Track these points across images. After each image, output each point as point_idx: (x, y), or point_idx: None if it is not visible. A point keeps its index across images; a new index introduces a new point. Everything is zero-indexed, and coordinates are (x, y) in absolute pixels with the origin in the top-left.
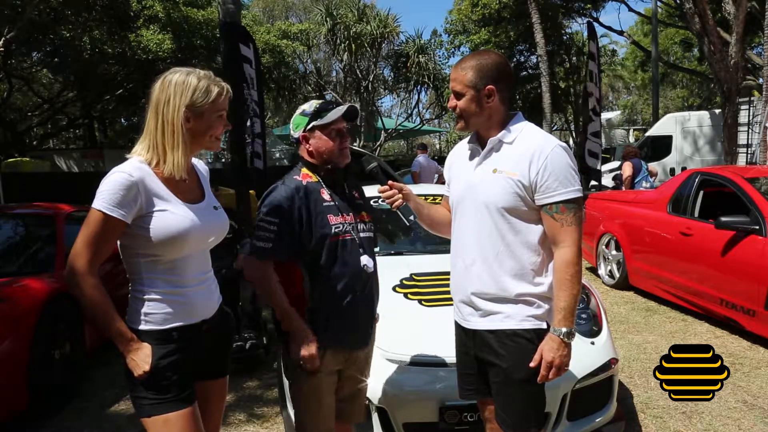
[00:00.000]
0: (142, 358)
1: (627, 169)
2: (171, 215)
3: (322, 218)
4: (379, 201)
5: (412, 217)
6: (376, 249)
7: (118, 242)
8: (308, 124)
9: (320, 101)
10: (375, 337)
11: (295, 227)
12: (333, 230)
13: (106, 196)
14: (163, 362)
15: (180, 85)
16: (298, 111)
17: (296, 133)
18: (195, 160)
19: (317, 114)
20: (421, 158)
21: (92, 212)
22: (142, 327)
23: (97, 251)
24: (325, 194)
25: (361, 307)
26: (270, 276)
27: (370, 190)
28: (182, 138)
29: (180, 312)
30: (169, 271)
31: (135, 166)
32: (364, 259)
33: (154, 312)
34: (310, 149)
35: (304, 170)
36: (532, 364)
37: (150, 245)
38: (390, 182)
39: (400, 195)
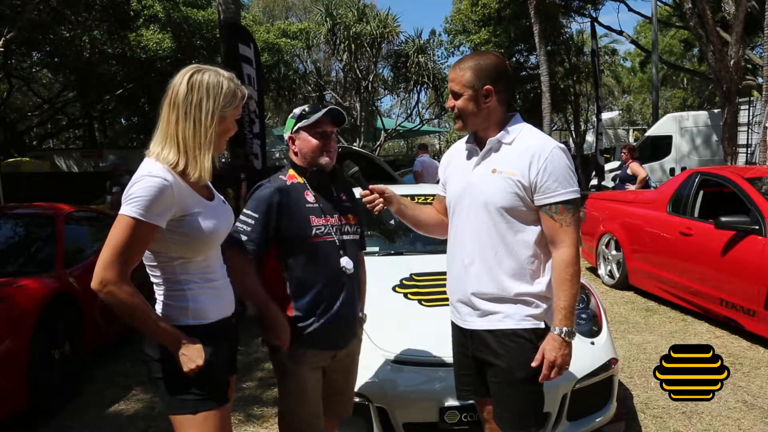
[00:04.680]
0: (194, 353)
1: (641, 170)
2: (203, 217)
3: (304, 219)
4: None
5: (392, 222)
6: (376, 249)
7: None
8: (295, 125)
9: (311, 104)
10: (361, 335)
11: (270, 225)
12: (314, 231)
13: (139, 203)
14: (212, 357)
15: (214, 87)
16: (291, 114)
17: (286, 135)
18: None
19: (303, 116)
20: (424, 158)
21: (122, 219)
22: (189, 323)
23: (128, 259)
24: (310, 196)
25: (340, 308)
26: (248, 271)
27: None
28: (212, 142)
29: (219, 304)
30: (201, 269)
31: (166, 170)
32: (344, 261)
33: (198, 306)
34: (295, 150)
35: (291, 171)
36: (533, 364)
37: (184, 248)
38: (371, 186)
39: (381, 199)
